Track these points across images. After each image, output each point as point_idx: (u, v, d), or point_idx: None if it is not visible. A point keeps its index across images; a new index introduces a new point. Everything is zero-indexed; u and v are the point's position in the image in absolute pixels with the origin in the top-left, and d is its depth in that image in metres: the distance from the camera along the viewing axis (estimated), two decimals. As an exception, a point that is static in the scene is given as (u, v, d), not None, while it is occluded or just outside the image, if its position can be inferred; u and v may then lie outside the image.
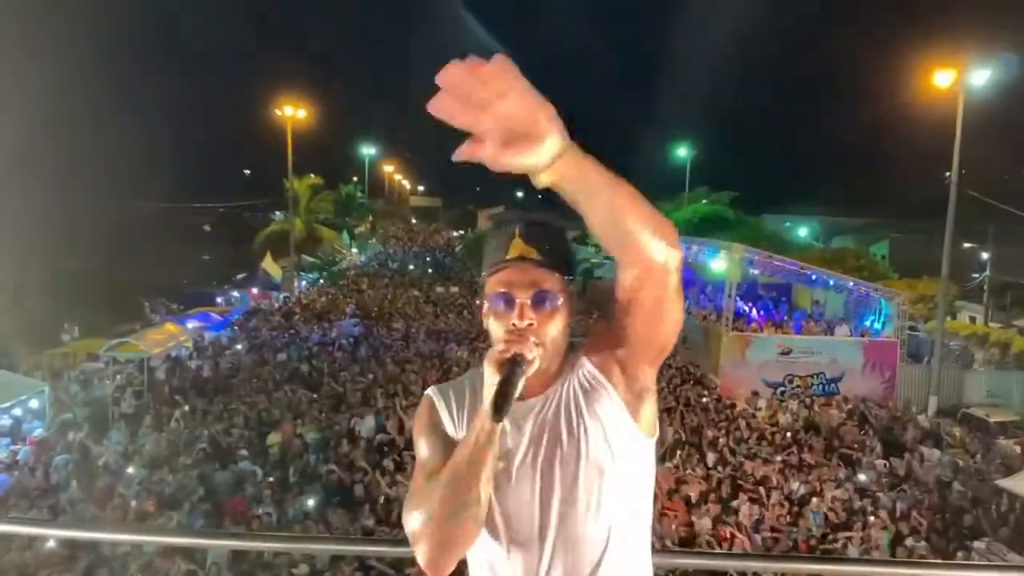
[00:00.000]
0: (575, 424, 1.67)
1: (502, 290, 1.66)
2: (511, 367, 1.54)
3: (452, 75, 1.19)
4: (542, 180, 1.33)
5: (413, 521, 1.57)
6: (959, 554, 10.79)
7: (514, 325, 1.63)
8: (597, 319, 25.65)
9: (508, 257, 1.68)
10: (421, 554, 1.55)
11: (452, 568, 1.60)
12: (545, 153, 1.26)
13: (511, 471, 1.66)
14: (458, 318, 28.52)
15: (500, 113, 1.21)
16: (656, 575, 1.82)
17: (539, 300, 1.64)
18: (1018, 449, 16.16)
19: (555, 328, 1.66)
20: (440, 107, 1.21)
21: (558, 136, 1.26)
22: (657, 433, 1.75)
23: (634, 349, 1.67)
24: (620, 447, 1.66)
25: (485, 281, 1.72)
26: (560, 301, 1.67)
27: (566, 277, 1.70)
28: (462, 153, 1.28)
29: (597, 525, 1.64)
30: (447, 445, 1.70)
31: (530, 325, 1.63)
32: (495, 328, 1.67)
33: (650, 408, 1.72)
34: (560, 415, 1.68)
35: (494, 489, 1.64)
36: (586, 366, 1.72)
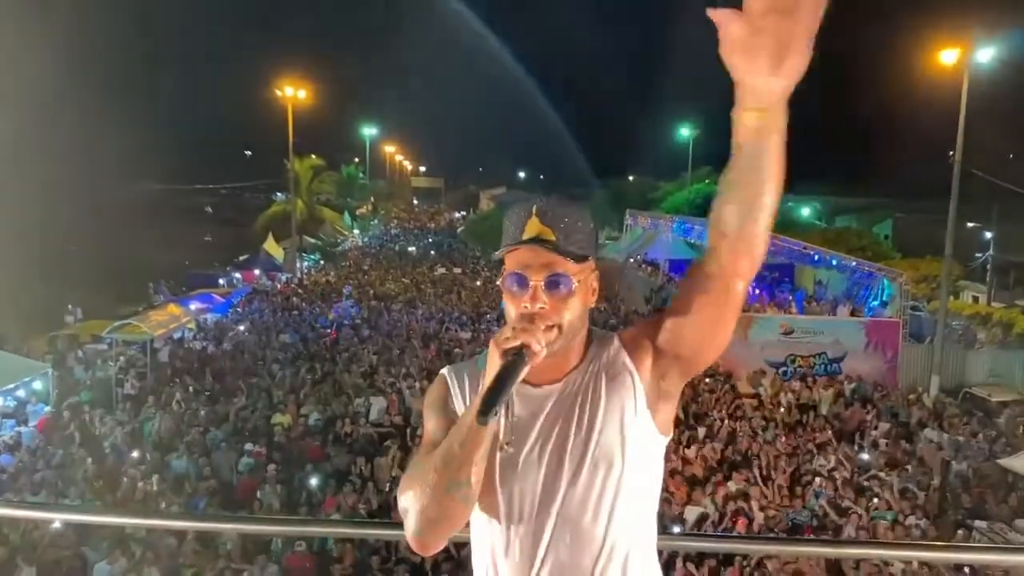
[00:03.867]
0: (591, 413, 1.64)
1: (515, 271, 1.61)
2: (514, 358, 1.50)
3: None
4: (768, 105, 1.33)
5: (404, 495, 1.58)
6: (960, 532, 10.83)
7: (526, 308, 1.59)
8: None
9: (524, 237, 1.61)
10: (408, 528, 1.57)
11: (439, 546, 1.61)
12: (785, 84, 1.28)
13: (518, 458, 1.64)
14: (460, 299, 28.52)
15: (785, 25, 1.21)
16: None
17: (553, 283, 1.59)
18: (1020, 428, 16.18)
19: (570, 312, 1.61)
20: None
21: (795, 79, 1.28)
22: (671, 434, 1.73)
23: (675, 345, 1.64)
24: (633, 441, 1.63)
25: (502, 257, 1.65)
26: (575, 285, 1.60)
27: (586, 259, 1.64)
28: (717, 14, 1.25)
29: (601, 517, 1.62)
30: (452, 424, 1.67)
31: (542, 308, 1.58)
32: (509, 308, 1.63)
33: (669, 409, 1.70)
34: (576, 403, 1.65)
35: (500, 473, 1.63)
36: (618, 350, 1.69)
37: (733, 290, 1.54)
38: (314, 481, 11.79)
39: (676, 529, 10.28)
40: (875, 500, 11.55)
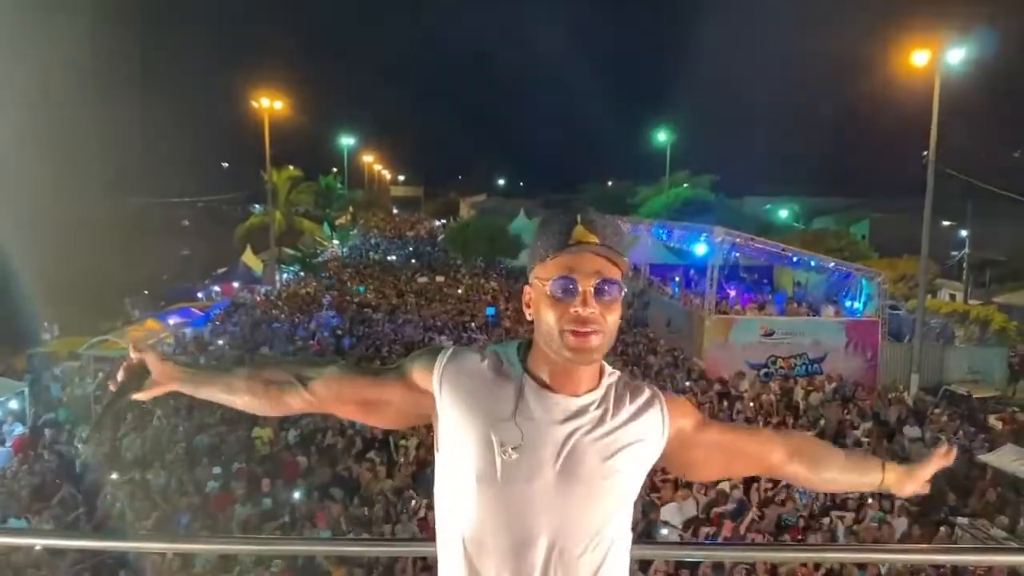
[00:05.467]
0: (615, 448, 1.65)
1: (564, 275, 1.58)
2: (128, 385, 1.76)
3: None
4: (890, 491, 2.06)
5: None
6: (942, 529, 10.89)
7: (577, 312, 1.57)
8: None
9: (571, 242, 1.58)
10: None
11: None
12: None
13: (525, 461, 1.60)
14: (442, 307, 28.45)
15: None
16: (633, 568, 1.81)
17: (601, 290, 1.58)
18: (1000, 424, 16.33)
19: (614, 320, 1.61)
20: None
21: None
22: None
23: (704, 451, 1.80)
24: (637, 479, 1.70)
25: (542, 264, 1.62)
26: (620, 292, 1.61)
27: (625, 270, 1.64)
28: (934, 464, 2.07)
29: (600, 544, 1.64)
30: (381, 389, 1.77)
31: (592, 313, 1.57)
32: (548, 315, 1.60)
33: (666, 463, 1.82)
34: (599, 430, 1.65)
35: (503, 473, 1.59)
36: (659, 401, 1.74)
37: (768, 470, 1.91)
38: (297, 495, 11.66)
39: (664, 532, 10.30)
40: (859, 500, 11.59)
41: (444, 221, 78.77)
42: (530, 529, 1.59)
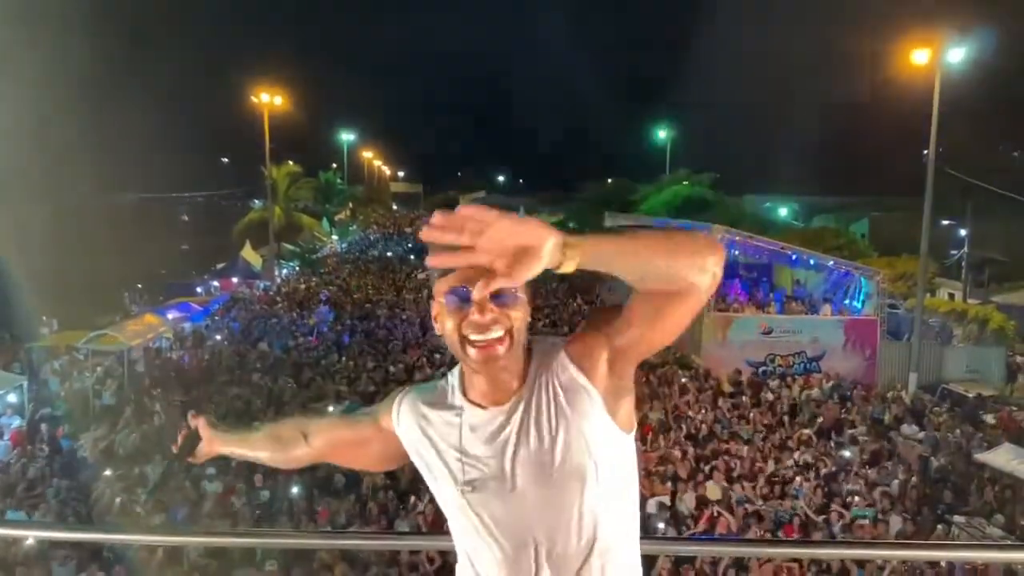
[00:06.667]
0: (552, 430, 1.59)
1: (455, 285, 1.54)
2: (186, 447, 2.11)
3: (428, 236, 1.25)
4: (565, 269, 1.34)
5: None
6: (939, 527, 10.92)
7: (475, 318, 1.52)
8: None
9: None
10: None
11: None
12: (548, 257, 1.29)
13: (486, 488, 1.62)
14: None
15: (487, 246, 1.25)
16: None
17: (496, 294, 1.51)
18: (997, 423, 16.35)
19: (520, 317, 1.57)
20: (434, 261, 1.30)
21: (552, 237, 1.29)
22: (634, 428, 1.69)
23: (631, 346, 1.60)
24: (600, 451, 1.60)
25: (438, 280, 1.58)
26: (520, 294, 1.57)
27: None
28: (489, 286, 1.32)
29: (583, 533, 1.60)
30: (357, 431, 1.91)
31: (492, 316, 1.53)
32: (450, 329, 1.56)
33: (628, 405, 1.66)
34: (533, 422, 1.61)
35: (471, 507, 1.64)
36: (565, 365, 1.63)
37: (698, 299, 1.52)
38: (295, 490, 11.68)
39: (660, 525, 10.33)
40: (855, 498, 11.63)
41: (444, 217, 78.61)
42: (519, 539, 1.61)
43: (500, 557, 1.62)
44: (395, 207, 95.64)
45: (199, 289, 32.50)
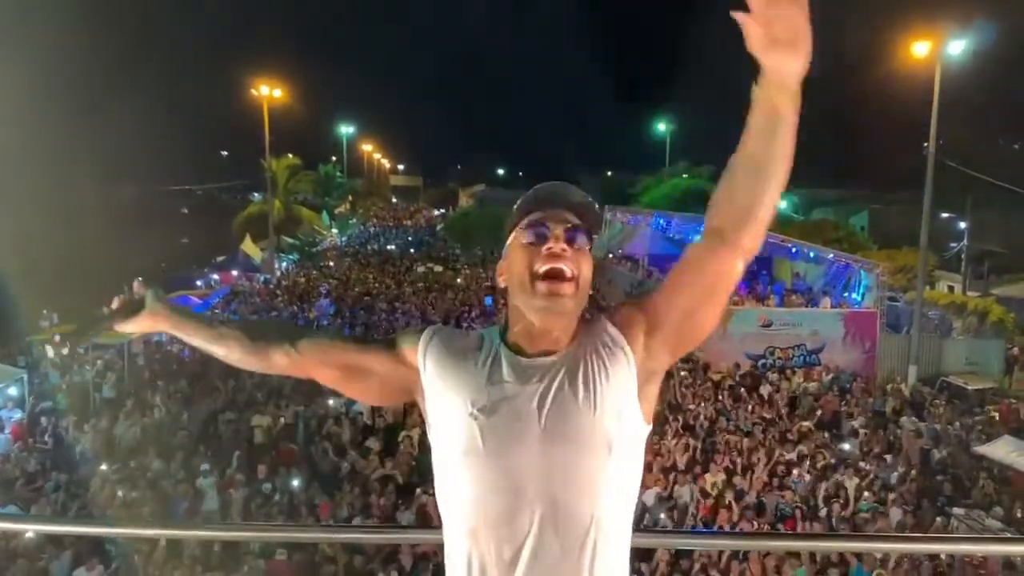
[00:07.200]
0: (594, 392, 1.60)
1: (535, 220, 1.63)
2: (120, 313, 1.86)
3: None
4: (789, 87, 1.49)
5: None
6: (939, 519, 10.94)
7: (550, 249, 1.60)
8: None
9: (540, 199, 1.67)
10: None
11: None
12: (802, 65, 1.46)
13: (508, 428, 1.58)
14: (441, 296, 28.46)
15: (784, 22, 1.41)
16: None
17: (571, 236, 1.62)
18: (996, 416, 16.38)
19: (587, 271, 1.63)
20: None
21: (807, 59, 1.46)
22: (651, 426, 1.69)
23: (667, 321, 1.66)
24: (625, 428, 1.62)
25: (513, 230, 1.68)
26: (589, 245, 1.65)
27: (592, 237, 1.67)
28: (738, 16, 1.44)
29: (592, 504, 1.58)
30: (364, 356, 1.77)
31: (565, 251, 1.60)
32: (521, 263, 1.62)
33: (653, 393, 1.69)
34: (576, 380, 1.62)
35: (483, 442, 1.58)
36: (608, 328, 1.69)
37: (732, 267, 1.62)
38: (296, 483, 11.71)
39: (661, 516, 10.37)
40: (855, 490, 11.65)
41: (443, 210, 78.74)
42: (520, 493, 1.56)
43: (501, 510, 1.57)
44: (395, 200, 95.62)
45: (199, 282, 32.46)
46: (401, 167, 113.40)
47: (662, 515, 10.41)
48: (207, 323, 1.94)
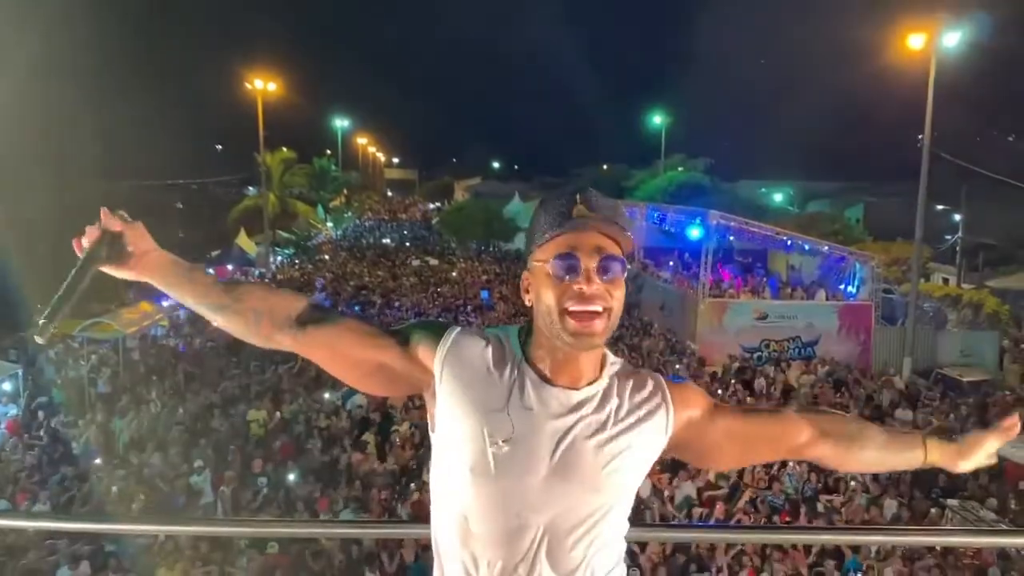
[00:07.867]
0: (613, 448, 1.57)
1: (565, 251, 1.50)
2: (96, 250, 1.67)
3: None
4: (938, 466, 1.84)
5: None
6: (933, 511, 10.99)
7: (581, 289, 1.49)
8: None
9: (571, 218, 1.51)
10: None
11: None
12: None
13: (521, 454, 1.54)
14: (436, 290, 28.46)
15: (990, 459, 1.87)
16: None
17: (604, 267, 1.50)
18: (991, 407, 16.42)
19: (619, 298, 1.53)
20: None
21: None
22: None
23: (718, 434, 1.70)
24: (631, 477, 1.62)
25: (541, 246, 1.54)
26: (624, 270, 1.53)
27: (628, 248, 1.57)
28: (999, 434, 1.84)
29: (591, 537, 1.59)
30: (376, 348, 1.64)
31: (597, 289, 1.49)
32: (549, 296, 1.52)
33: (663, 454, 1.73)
34: (600, 429, 1.57)
35: (496, 466, 1.53)
36: (663, 390, 1.65)
37: (795, 453, 1.82)
38: (292, 478, 11.70)
39: (654, 507, 10.38)
40: (851, 483, 11.68)
41: (439, 204, 78.59)
42: (522, 520, 1.55)
43: (501, 531, 1.56)
44: (390, 193, 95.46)
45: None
46: (396, 161, 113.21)
47: (655, 507, 10.43)
48: (208, 287, 1.77)
